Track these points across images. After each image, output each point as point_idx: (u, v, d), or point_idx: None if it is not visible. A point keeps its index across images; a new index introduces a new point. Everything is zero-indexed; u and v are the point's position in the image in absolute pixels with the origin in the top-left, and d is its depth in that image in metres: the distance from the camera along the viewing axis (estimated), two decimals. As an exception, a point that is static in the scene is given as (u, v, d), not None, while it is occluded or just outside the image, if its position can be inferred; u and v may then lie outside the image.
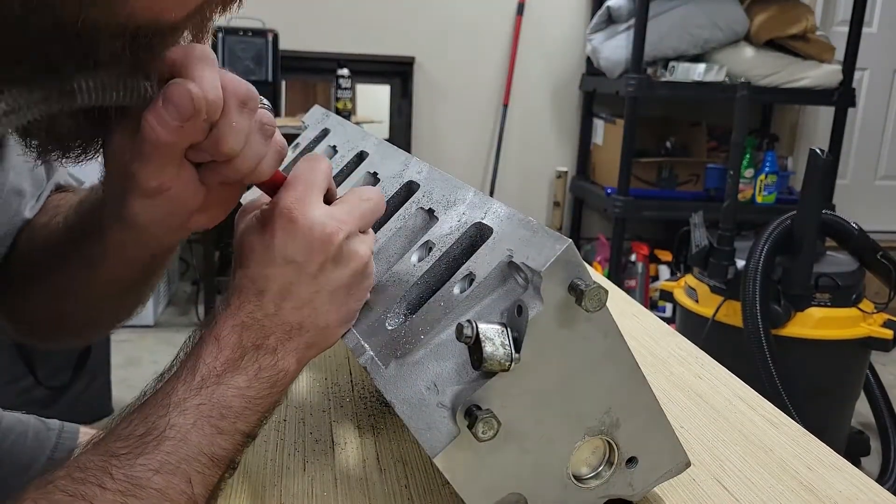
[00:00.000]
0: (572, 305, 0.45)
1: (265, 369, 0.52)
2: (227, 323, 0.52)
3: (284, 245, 0.52)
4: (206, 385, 0.50)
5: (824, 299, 2.02)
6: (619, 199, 3.14)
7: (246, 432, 0.51)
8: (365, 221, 0.55)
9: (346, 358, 0.82)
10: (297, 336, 0.53)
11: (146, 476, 0.46)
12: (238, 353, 0.51)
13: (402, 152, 0.70)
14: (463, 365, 0.48)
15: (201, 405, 0.49)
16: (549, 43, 3.63)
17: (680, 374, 0.82)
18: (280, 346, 0.52)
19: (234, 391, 0.50)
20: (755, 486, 0.61)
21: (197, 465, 0.48)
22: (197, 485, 0.48)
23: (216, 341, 0.51)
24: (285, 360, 0.53)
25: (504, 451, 0.48)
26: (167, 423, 0.48)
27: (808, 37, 3.12)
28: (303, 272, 0.52)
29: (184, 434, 0.48)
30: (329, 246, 0.52)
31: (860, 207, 3.67)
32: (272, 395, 0.53)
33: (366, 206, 0.56)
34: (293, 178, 0.54)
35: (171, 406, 0.49)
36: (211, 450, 0.49)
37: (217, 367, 0.50)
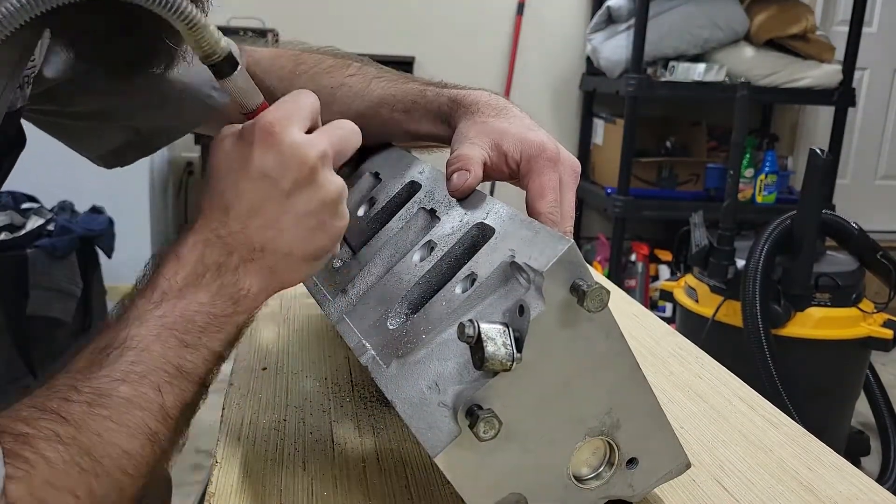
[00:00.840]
0: (574, 306, 0.45)
1: (226, 286, 0.52)
2: (189, 240, 0.52)
3: (262, 157, 0.52)
4: (166, 299, 0.50)
5: (824, 299, 2.02)
6: (619, 198, 3.14)
7: (213, 349, 0.51)
8: (341, 149, 0.56)
9: (346, 358, 0.82)
10: (259, 258, 0.53)
11: (111, 385, 0.46)
12: (199, 268, 0.51)
13: (404, 152, 0.70)
14: (464, 364, 0.48)
15: (163, 316, 0.49)
16: (549, 43, 3.63)
17: (680, 374, 0.82)
18: (242, 265, 0.52)
19: (196, 306, 0.50)
20: (755, 487, 0.61)
21: (164, 374, 0.48)
22: (167, 394, 0.48)
23: (177, 258, 0.51)
24: (247, 279, 0.52)
25: (505, 451, 0.48)
26: (128, 335, 0.48)
27: (808, 37, 3.12)
28: (275, 188, 0.52)
29: (146, 344, 0.48)
30: (304, 164, 0.52)
31: (860, 207, 3.67)
32: (236, 315, 0.52)
33: (342, 133, 0.56)
34: (279, 101, 0.55)
35: (129, 319, 0.49)
36: (178, 361, 0.49)
37: (178, 281, 0.51)
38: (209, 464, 0.70)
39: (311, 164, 0.52)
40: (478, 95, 0.67)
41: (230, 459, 0.62)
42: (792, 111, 3.86)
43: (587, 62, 3.57)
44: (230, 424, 0.68)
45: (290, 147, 0.52)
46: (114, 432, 0.45)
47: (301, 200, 0.52)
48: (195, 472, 2.09)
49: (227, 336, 0.52)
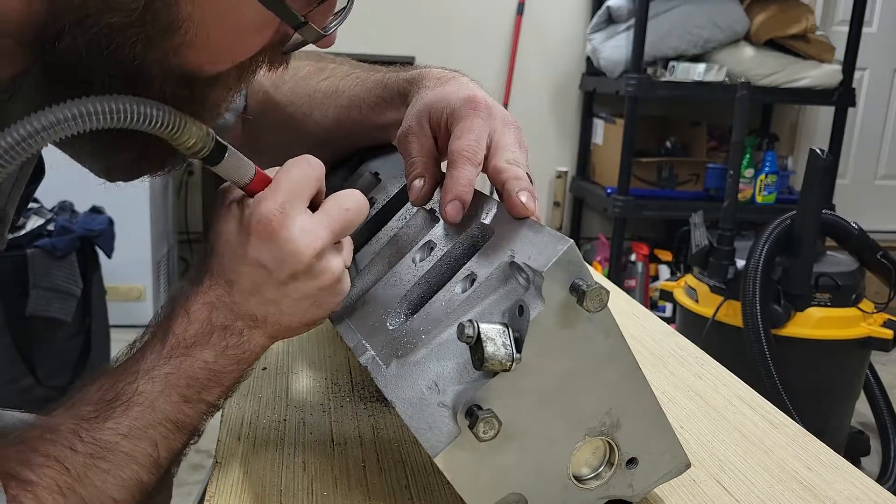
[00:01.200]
0: (574, 306, 0.45)
1: (231, 347, 0.54)
2: (199, 300, 0.54)
3: (258, 250, 0.53)
4: (174, 355, 0.52)
5: (824, 299, 2.02)
6: (619, 198, 3.14)
7: (210, 402, 0.54)
8: (343, 233, 0.56)
9: (346, 358, 0.82)
10: (262, 326, 0.55)
11: (115, 440, 0.49)
12: (207, 328, 0.53)
13: (403, 152, 0.69)
14: (464, 365, 0.48)
15: (169, 374, 0.52)
16: (549, 43, 3.63)
17: (680, 374, 0.82)
18: (247, 330, 0.55)
19: (201, 364, 0.53)
20: (755, 486, 0.61)
21: (163, 430, 0.51)
22: (162, 449, 0.51)
23: (186, 315, 0.53)
24: (251, 343, 0.55)
25: (505, 451, 0.48)
26: (135, 390, 0.50)
27: (808, 37, 3.12)
28: (271, 277, 0.53)
29: (151, 401, 0.51)
30: (300, 262, 0.53)
31: (860, 207, 3.67)
32: (237, 371, 0.55)
33: (345, 216, 0.55)
34: (279, 182, 0.54)
35: (139, 373, 0.51)
36: (177, 417, 0.52)
37: (187, 338, 0.53)
38: (209, 464, 0.70)
39: (306, 260, 0.53)
40: (427, 71, 0.67)
41: (230, 459, 0.62)
42: (792, 111, 3.86)
43: (587, 62, 3.57)
44: (230, 424, 0.68)
45: (286, 243, 0.52)
46: (110, 485, 0.49)
47: (298, 288, 0.54)
48: (195, 472, 2.09)
49: (224, 390, 0.55)
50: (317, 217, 0.54)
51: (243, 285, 0.54)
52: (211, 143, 0.51)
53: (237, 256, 0.54)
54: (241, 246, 0.53)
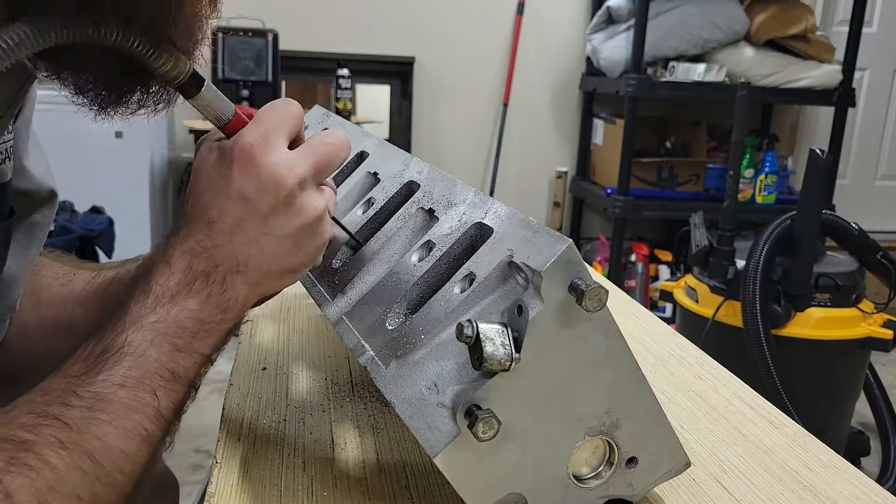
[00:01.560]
0: (573, 305, 0.45)
1: (215, 295, 0.53)
2: (178, 248, 0.53)
3: (240, 180, 0.52)
4: (160, 304, 0.51)
5: (824, 299, 2.02)
6: (619, 199, 3.14)
7: (203, 353, 0.53)
8: (324, 167, 0.56)
9: (346, 358, 0.82)
10: (244, 271, 0.54)
11: (111, 390, 0.48)
12: (189, 276, 0.52)
13: (403, 152, 0.70)
14: (463, 365, 0.48)
15: (157, 322, 0.51)
16: (549, 43, 3.63)
17: (680, 374, 0.82)
18: (228, 276, 0.53)
19: (187, 312, 0.52)
20: (755, 486, 0.61)
21: (159, 379, 0.50)
22: (162, 398, 0.50)
23: (168, 265, 0.52)
24: (235, 289, 0.54)
25: (504, 451, 0.48)
26: (125, 340, 0.49)
27: (808, 37, 3.12)
28: (253, 210, 0.52)
29: (143, 350, 0.50)
30: (281, 189, 0.52)
31: (860, 207, 3.67)
32: (224, 321, 0.54)
33: (326, 150, 0.55)
34: (261, 116, 0.54)
35: (127, 324, 0.50)
36: (171, 366, 0.51)
37: (170, 287, 0.52)
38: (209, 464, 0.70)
39: (287, 189, 0.52)
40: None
41: (230, 459, 0.62)
42: (792, 111, 3.86)
43: (587, 62, 3.57)
44: (230, 424, 0.68)
45: (267, 171, 0.52)
46: (113, 436, 0.47)
47: (279, 223, 0.53)
48: (195, 472, 2.09)
49: (215, 341, 0.54)
50: (299, 149, 0.55)
51: (225, 223, 0.53)
52: (187, 72, 0.51)
53: (218, 192, 0.53)
54: (223, 179, 0.53)
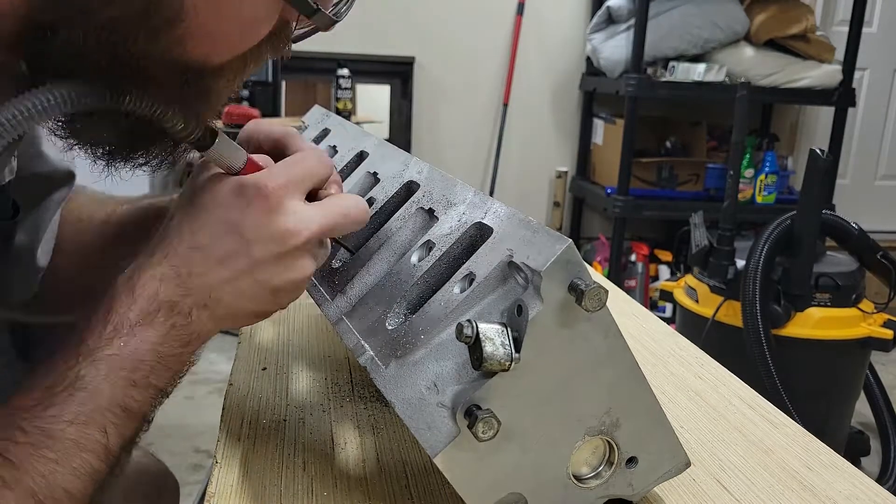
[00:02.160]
0: (572, 305, 0.45)
1: (178, 328, 0.51)
2: (147, 273, 0.51)
3: (249, 217, 0.51)
4: (118, 335, 0.49)
5: (824, 299, 2.02)
6: (619, 199, 3.14)
7: (159, 387, 0.51)
8: (331, 233, 0.55)
9: (345, 358, 0.82)
10: (213, 307, 0.52)
11: (59, 427, 0.46)
12: (153, 306, 0.50)
13: (402, 152, 0.70)
14: (463, 365, 0.48)
15: (113, 356, 0.48)
16: (549, 43, 3.63)
17: (680, 374, 0.82)
18: (195, 310, 0.51)
19: (146, 345, 0.49)
20: (755, 486, 0.61)
21: (111, 416, 0.48)
22: (112, 435, 0.48)
23: (130, 292, 0.50)
24: (198, 324, 0.52)
25: (504, 451, 0.48)
26: (77, 374, 0.47)
27: (808, 37, 3.12)
28: (248, 251, 0.51)
29: (95, 385, 0.48)
30: (284, 243, 0.51)
31: (860, 207, 3.67)
32: (184, 355, 0.52)
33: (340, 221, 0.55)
34: (290, 163, 0.53)
35: (80, 356, 0.48)
36: (125, 401, 0.49)
37: (130, 318, 0.49)
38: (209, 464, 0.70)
39: (292, 244, 0.52)
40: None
41: (230, 459, 0.62)
42: (792, 111, 3.86)
43: (587, 62, 3.57)
44: (230, 424, 0.68)
45: (277, 221, 0.51)
46: (59, 474, 0.46)
47: (267, 272, 0.52)
48: (195, 472, 2.09)
49: (172, 374, 0.52)
50: (318, 207, 0.54)
51: (213, 252, 0.51)
52: (200, 128, 0.50)
53: (218, 221, 0.51)
54: (233, 209, 0.51)
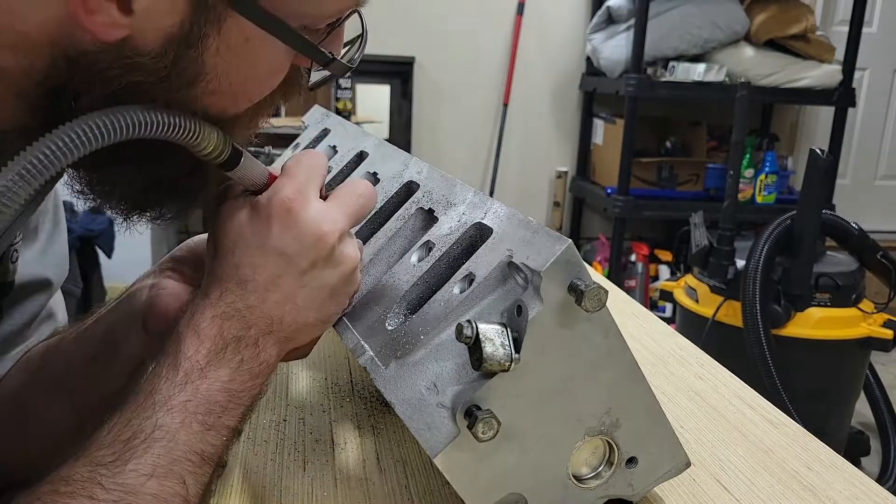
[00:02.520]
0: (572, 305, 0.45)
1: (247, 361, 0.51)
2: (207, 314, 0.50)
3: (280, 236, 0.51)
4: (190, 380, 0.48)
5: (824, 299, 2.02)
6: (619, 199, 3.14)
7: (232, 427, 0.50)
8: (358, 218, 0.55)
9: (345, 358, 0.82)
10: (277, 330, 0.52)
11: (139, 482, 0.45)
12: (220, 344, 0.50)
13: (402, 152, 0.70)
14: (463, 365, 0.48)
15: (188, 402, 0.48)
16: (549, 43, 3.63)
17: (680, 374, 0.82)
18: (261, 338, 0.51)
19: (218, 385, 0.49)
20: (755, 486, 0.61)
21: (188, 464, 0.47)
22: (191, 485, 0.47)
23: (196, 334, 0.50)
24: (266, 352, 0.52)
25: (504, 451, 0.48)
26: (154, 424, 0.46)
27: (808, 37, 3.12)
28: (292, 266, 0.51)
29: (173, 434, 0.47)
30: (323, 246, 0.51)
31: (860, 207, 3.67)
32: (254, 388, 0.51)
33: (359, 202, 0.55)
34: (291, 169, 0.53)
35: (156, 406, 0.47)
36: (201, 447, 0.48)
37: (200, 360, 0.49)
38: (209, 464, 0.70)
39: (329, 243, 0.52)
40: None
41: (230, 459, 0.62)
42: (792, 111, 3.86)
43: (587, 62, 3.57)
44: (230, 425, 0.68)
45: (308, 227, 0.51)
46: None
47: (318, 277, 0.52)
48: (195, 473, 2.09)
49: (244, 410, 0.51)
50: (334, 202, 0.54)
51: (260, 281, 0.51)
52: (228, 148, 0.50)
53: (254, 248, 0.51)
54: (259, 236, 0.51)
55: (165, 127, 0.45)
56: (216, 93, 0.48)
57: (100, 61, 0.44)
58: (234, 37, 0.46)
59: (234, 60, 0.47)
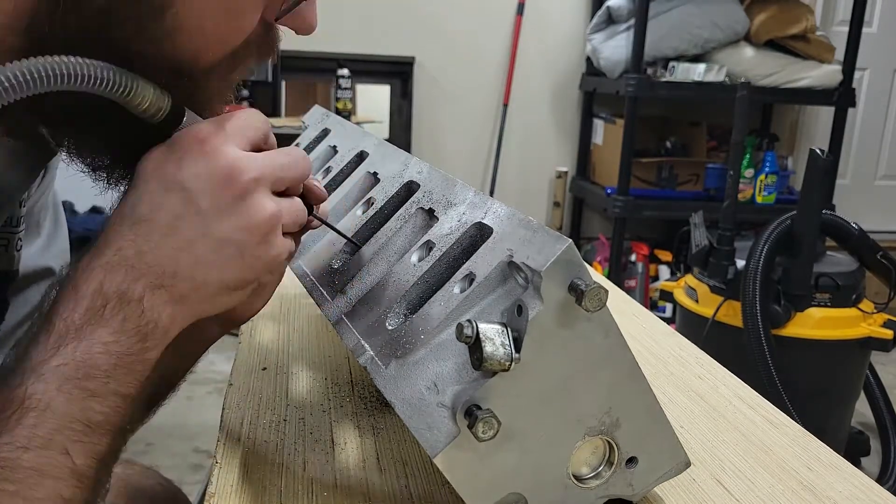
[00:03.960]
0: (572, 305, 0.45)
1: (131, 319, 0.45)
2: (88, 265, 0.45)
3: (186, 167, 0.46)
4: (64, 343, 0.44)
5: (824, 299, 2.02)
6: (619, 199, 3.14)
7: (123, 393, 0.45)
8: (281, 176, 0.50)
9: (346, 358, 0.82)
10: (169, 285, 0.46)
11: (15, 455, 0.41)
12: (99, 301, 0.44)
13: (402, 152, 0.70)
14: (463, 365, 0.48)
15: (61, 366, 0.43)
16: (549, 43, 3.63)
17: (680, 374, 0.82)
18: (148, 293, 0.45)
19: (98, 347, 0.44)
20: (755, 486, 0.61)
21: (71, 433, 0.43)
22: (77, 455, 0.43)
23: (74, 290, 0.45)
24: (155, 310, 0.46)
25: (504, 451, 0.48)
26: (25, 393, 0.42)
27: (808, 37, 3.12)
28: (192, 204, 0.46)
29: (47, 401, 0.42)
30: (232, 183, 0.46)
31: (860, 207, 3.67)
32: (145, 351, 0.46)
33: (284, 158, 0.50)
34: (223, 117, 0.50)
35: (25, 373, 0.43)
36: (85, 415, 0.43)
37: (75, 319, 0.44)
38: (209, 464, 0.70)
39: (240, 184, 0.46)
40: None
41: (230, 459, 0.62)
42: (792, 111, 3.86)
43: (587, 62, 3.57)
44: (230, 424, 0.68)
45: (219, 161, 0.46)
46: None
47: (222, 224, 0.46)
48: (195, 472, 2.09)
49: (137, 377, 0.46)
50: (258, 153, 0.49)
51: (157, 221, 0.45)
52: (167, 106, 0.47)
53: (156, 183, 0.46)
54: (164, 169, 0.46)
55: (90, 80, 0.43)
56: (185, 30, 0.46)
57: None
58: None
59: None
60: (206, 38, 0.47)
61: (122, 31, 0.44)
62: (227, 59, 0.50)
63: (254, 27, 0.50)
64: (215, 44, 0.48)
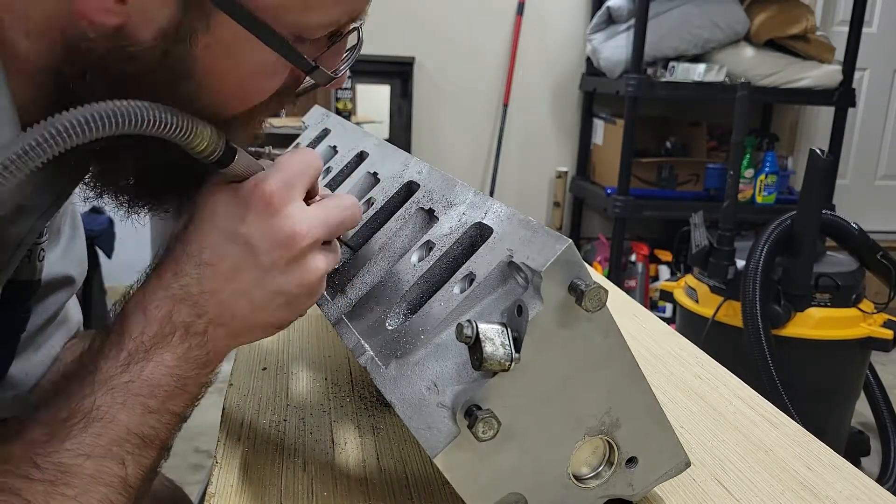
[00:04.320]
0: (572, 305, 0.45)
1: (194, 349, 0.50)
2: (158, 293, 0.49)
3: (252, 225, 0.50)
4: (133, 361, 0.48)
5: (824, 299, 2.02)
6: (619, 199, 3.14)
7: (176, 412, 0.50)
8: (337, 231, 0.54)
9: (346, 358, 0.82)
10: (228, 323, 0.51)
11: (76, 462, 0.44)
12: (168, 328, 0.49)
13: (402, 152, 0.70)
14: (463, 365, 0.48)
15: (130, 382, 0.47)
16: (549, 43, 3.63)
17: (680, 374, 0.82)
18: (210, 328, 0.50)
19: (163, 369, 0.48)
20: (755, 486, 0.61)
21: (129, 446, 0.47)
22: (131, 467, 0.47)
23: (143, 314, 0.49)
24: (215, 343, 0.51)
25: (504, 451, 0.48)
26: (93, 404, 0.46)
27: (808, 37, 3.12)
28: (255, 260, 0.50)
29: (112, 414, 0.46)
30: (293, 246, 0.50)
31: (860, 207, 3.67)
32: (201, 377, 0.51)
33: (343, 215, 0.54)
34: (283, 163, 0.52)
35: (95, 385, 0.47)
36: (142, 430, 0.47)
37: (145, 341, 0.48)
38: (209, 464, 0.70)
39: (299, 247, 0.50)
40: None
41: (230, 459, 0.62)
42: (792, 111, 3.86)
43: (587, 62, 3.57)
44: (230, 424, 0.68)
45: (282, 224, 0.50)
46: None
47: (279, 279, 0.51)
48: (195, 472, 2.09)
49: (190, 398, 0.51)
50: (317, 208, 0.53)
51: (222, 267, 0.49)
52: (222, 146, 0.49)
53: (225, 233, 0.50)
54: (231, 220, 0.50)
55: (159, 123, 0.45)
56: (208, 91, 0.48)
57: (97, 48, 0.45)
58: (223, 36, 0.46)
59: (224, 60, 0.47)
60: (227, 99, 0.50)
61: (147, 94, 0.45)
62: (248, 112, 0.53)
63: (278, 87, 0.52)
64: (236, 103, 0.51)
